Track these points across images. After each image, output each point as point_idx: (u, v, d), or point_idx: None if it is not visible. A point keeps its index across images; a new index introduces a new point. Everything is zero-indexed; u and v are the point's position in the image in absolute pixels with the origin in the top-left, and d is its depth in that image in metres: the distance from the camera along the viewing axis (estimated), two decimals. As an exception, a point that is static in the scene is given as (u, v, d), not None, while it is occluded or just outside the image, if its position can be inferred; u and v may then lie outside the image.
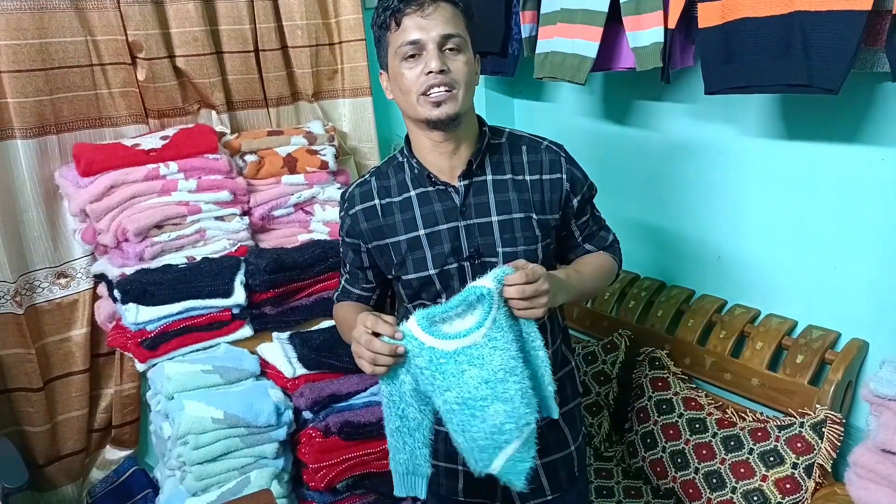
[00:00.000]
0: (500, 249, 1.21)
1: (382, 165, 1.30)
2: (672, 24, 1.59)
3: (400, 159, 1.27)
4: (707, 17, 1.52)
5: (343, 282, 1.38)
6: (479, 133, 1.24)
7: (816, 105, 1.59)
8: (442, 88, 1.12)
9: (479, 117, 1.26)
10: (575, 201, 1.26)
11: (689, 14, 1.59)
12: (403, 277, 1.24)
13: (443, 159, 1.21)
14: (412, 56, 1.13)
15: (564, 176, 1.24)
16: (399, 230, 1.23)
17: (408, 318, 1.07)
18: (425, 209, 1.22)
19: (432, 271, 1.21)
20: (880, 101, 1.50)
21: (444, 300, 1.18)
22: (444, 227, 1.21)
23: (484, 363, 1.05)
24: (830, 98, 1.52)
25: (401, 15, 1.12)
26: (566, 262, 1.35)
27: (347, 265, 1.34)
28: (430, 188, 1.22)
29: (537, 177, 1.24)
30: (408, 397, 1.08)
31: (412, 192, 1.24)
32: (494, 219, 1.21)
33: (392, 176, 1.26)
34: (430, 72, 1.11)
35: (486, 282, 1.05)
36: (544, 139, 1.29)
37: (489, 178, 1.23)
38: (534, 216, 1.22)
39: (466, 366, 1.05)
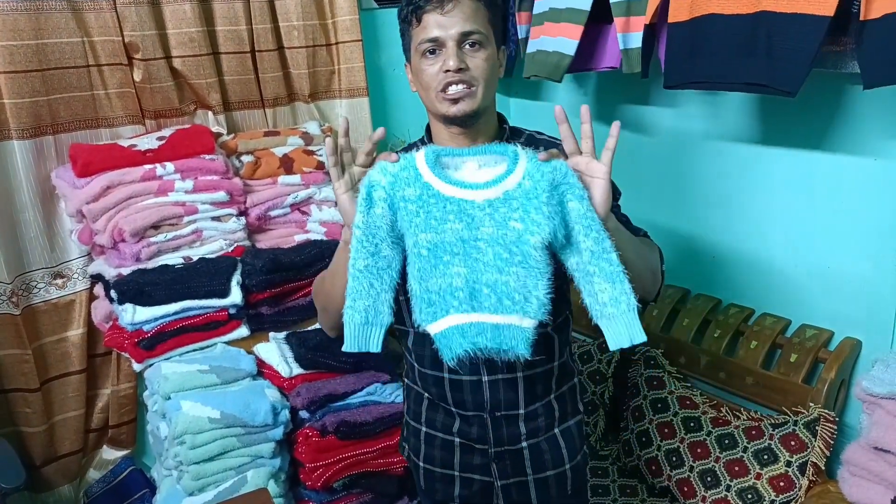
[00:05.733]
0: None
1: (400, 152, 1.30)
2: (648, 20, 1.59)
3: (420, 147, 1.27)
4: (676, 12, 1.52)
5: None
6: (499, 130, 1.23)
7: (810, 105, 1.60)
8: (460, 86, 1.12)
9: (500, 115, 1.26)
10: None
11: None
12: None
13: None
14: (432, 52, 1.13)
15: None
16: None
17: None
18: None
19: None
20: (875, 103, 1.51)
21: None
22: None
23: (471, 224, 1.02)
24: (824, 99, 1.53)
25: (421, 11, 1.13)
26: None
27: None
28: None
29: None
30: (383, 232, 1.04)
31: None
32: None
33: None
34: (448, 70, 1.12)
35: (518, 148, 1.04)
36: None
37: None
38: None
39: (453, 217, 1.02)
